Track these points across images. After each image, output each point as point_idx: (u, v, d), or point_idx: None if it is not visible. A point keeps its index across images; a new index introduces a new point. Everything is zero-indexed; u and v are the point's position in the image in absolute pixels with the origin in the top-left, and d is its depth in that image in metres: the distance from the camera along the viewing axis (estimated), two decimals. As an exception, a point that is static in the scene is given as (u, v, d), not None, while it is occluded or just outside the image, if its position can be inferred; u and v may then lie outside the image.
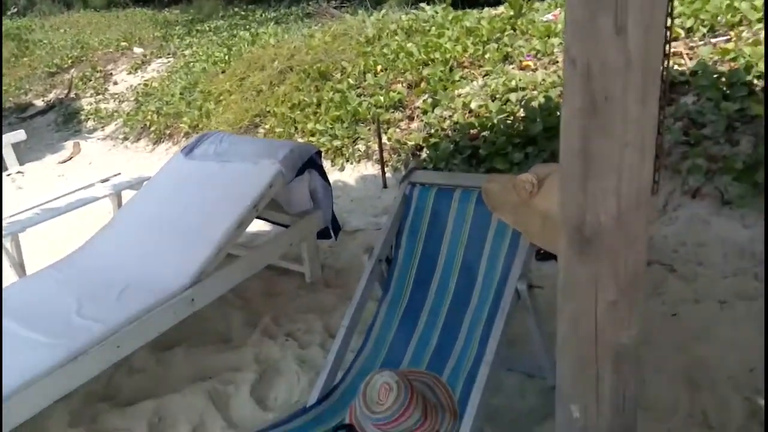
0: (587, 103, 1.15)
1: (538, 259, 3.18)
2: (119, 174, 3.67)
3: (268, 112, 5.57)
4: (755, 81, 3.58)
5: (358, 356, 2.21)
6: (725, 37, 4.14)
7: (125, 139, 6.68)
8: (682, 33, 4.30)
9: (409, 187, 2.35)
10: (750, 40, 3.91)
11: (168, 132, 6.28)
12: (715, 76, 3.69)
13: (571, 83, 1.18)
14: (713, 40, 4.16)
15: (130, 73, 9.29)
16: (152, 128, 6.45)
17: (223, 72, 7.05)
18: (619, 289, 1.27)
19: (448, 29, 5.64)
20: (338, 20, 8.13)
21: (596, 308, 1.30)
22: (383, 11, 7.11)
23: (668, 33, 1.15)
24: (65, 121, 7.92)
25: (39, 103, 9.21)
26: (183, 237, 2.85)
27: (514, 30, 5.30)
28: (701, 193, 3.27)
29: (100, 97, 8.41)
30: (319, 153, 3.19)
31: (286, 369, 2.63)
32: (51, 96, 9.24)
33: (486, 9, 6.18)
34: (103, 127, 7.33)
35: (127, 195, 3.53)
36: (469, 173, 3.66)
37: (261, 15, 12.28)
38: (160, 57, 9.70)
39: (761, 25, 4.05)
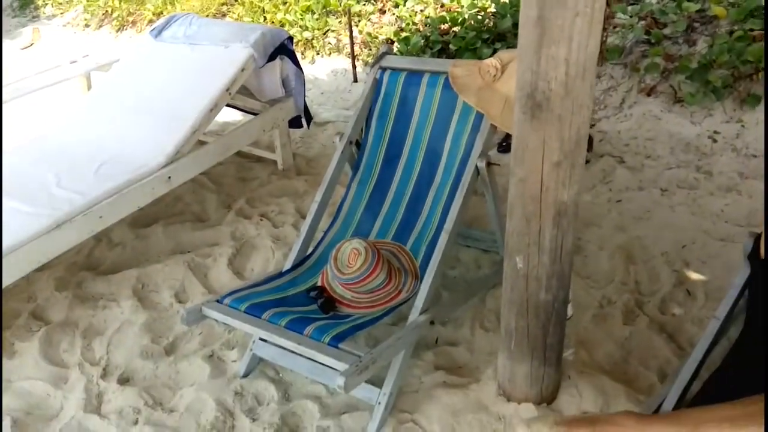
0: (544, -27, 1.26)
1: (500, 151, 3.36)
2: (87, 55, 3.62)
3: (236, 0, 5.43)
4: (718, -18, 3.67)
5: (329, 229, 2.37)
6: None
7: (86, 26, 6.45)
8: (656, -69, 4.29)
9: (379, 71, 2.44)
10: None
11: (131, 19, 6.08)
12: (680, -25, 3.75)
13: (531, -44, 1.27)
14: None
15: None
16: (114, 15, 6.22)
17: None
18: (563, 152, 1.43)
19: None
20: None
21: (543, 169, 1.46)
22: None
23: None
24: (21, 6, 7.54)
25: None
26: (157, 117, 2.90)
27: None
28: (656, 91, 3.44)
29: (57, -19, 7.98)
30: (291, 39, 3.20)
31: (260, 245, 2.80)
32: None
33: None
34: (62, 13, 7.01)
35: (95, 77, 3.52)
36: (437, 59, 3.73)
37: None
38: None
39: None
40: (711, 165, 2.99)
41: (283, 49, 3.16)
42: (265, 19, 5.07)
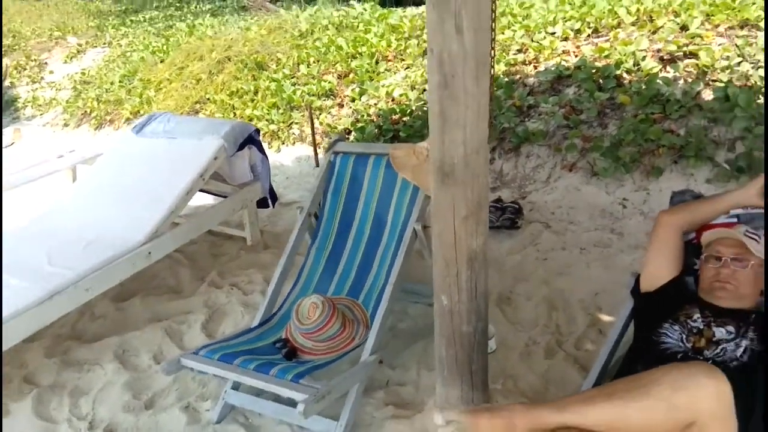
0: (441, 80, 1.73)
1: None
2: (73, 150, 4.03)
3: (208, 99, 5.98)
4: (624, 75, 4.33)
5: (292, 290, 2.73)
6: (605, 38, 4.89)
7: (65, 125, 6.90)
8: (571, 34, 5.02)
9: (333, 155, 2.89)
10: (623, 40, 4.66)
11: (109, 118, 6.56)
12: (592, 70, 4.41)
13: (431, 66, 1.75)
14: (596, 40, 4.91)
15: (65, 62, 9.39)
16: (93, 114, 6.70)
17: (161, 61, 7.36)
18: (469, 209, 1.86)
19: (374, 26, 6.21)
20: (273, 14, 8.56)
21: (454, 223, 1.88)
22: (316, 7, 7.61)
23: (493, 34, 1.74)
24: (2, 108, 8.00)
25: (-30, 90, 9.16)
26: (138, 201, 3.28)
27: (433, 28, 5.91)
28: (576, 167, 3.97)
29: (37, 85, 8.52)
30: (257, 131, 3.68)
31: (231, 311, 3.12)
32: (-18, 84, 9.22)
33: (409, 8, 6.78)
34: (41, 114, 7.49)
35: (80, 169, 3.91)
36: (380, 143, 4.23)
37: (196, 7, 12.44)
38: (96, 47, 9.84)
39: (634, 28, 4.82)
40: (622, 227, 3.47)
41: (251, 140, 3.62)
42: (235, 114, 5.60)
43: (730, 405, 1.38)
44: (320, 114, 5.20)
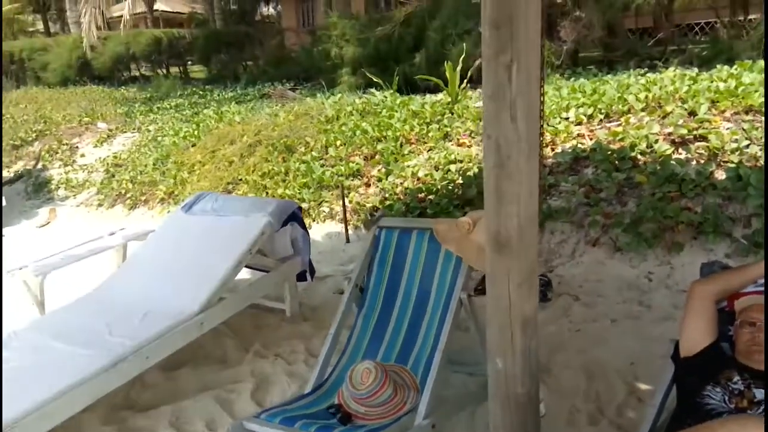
0: (497, 161, 1.96)
1: (476, 293, 3.97)
2: (124, 228, 4.26)
3: (240, 179, 6.30)
4: (638, 156, 4.61)
5: (341, 357, 2.87)
6: (617, 122, 5.22)
7: (99, 205, 7.20)
8: (585, 119, 5.37)
9: (377, 230, 3.11)
10: (635, 125, 4.98)
11: (143, 198, 6.87)
12: (608, 152, 4.70)
13: (488, 150, 1.99)
14: (608, 125, 5.24)
15: (96, 146, 9.86)
16: (128, 195, 7.02)
17: (193, 145, 7.76)
18: (522, 276, 2.04)
19: (396, 111, 6.62)
20: (297, 101, 9.08)
21: (509, 289, 2.06)
22: (339, 95, 8.09)
23: (542, 121, 1.98)
24: (35, 190, 8.36)
25: (6, 174, 9.58)
26: (190, 274, 3.47)
27: (452, 113, 6.32)
28: (599, 243, 4.17)
29: (69, 168, 8.91)
30: (300, 208, 3.92)
31: (277, 380, 3.24)
32: (17, 167, 9.65)
33: (428, 95, 7.23)
34: (75, 195, 7.81)
35: (131, 246, 4.13)
36: (422, 218, 4.45)
37: (219, 95, 13.13)
38: (125, 132, 10.35)
39: (644, 113, 5.16)
40: (650, 300, 3.63)
41: (294, 216, 3.86)
42: (267, 194, 5.89)
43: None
44: (349, 193, 5.48)
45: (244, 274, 4.29)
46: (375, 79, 8.64)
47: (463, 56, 7.29)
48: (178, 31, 18.12)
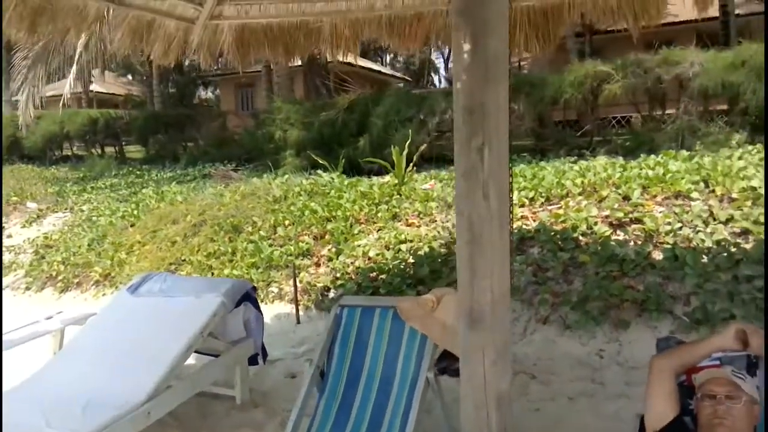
0: (470, 237, 2.02)
1: (440, 373, 3.93)
2: (61, 312, 4.01)
3: (184, 260, 6.11)
4: (580, 237, 4.83)
5: (303, 444, 2.74)
6: (557, 205, 5.49)
7: (27, 288, 6.77)
8: (527, 201, 5.61)
9: (339, 308, 3.07)
10: (574, 208, 5.25)
11: (76, 281, 6.52)
12: (551, 233, 4.90)
13: (460, 226, 2.04)
14: (549, 207, 5.49)
15: (24, 226, 9.40)
16: (59, 278, 6.64)
17: (132, 225, 7.53)
18: (497, 352, 2.05)
19: (345, 192, 6.71)
20: (242, 182, 9.06)
21: (484, 366, 2.06)
22: (286, 176, 8.15)
23: (511, 199, 2.07)
24: (-46, 273, 7.78)
25: None
26: (136, 361, 3.26)
27: (400, 195, 6.47)
28: (549, 320, 4.26)
29: (-7, 248, 8.40)
30: (254, 288, 3.83)
31: (229, 473, 3.03)
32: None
33: (375, 178, 7.40)
34: (-1, 277, 7.33)
35: (69, 331, 3.87)
36: (385, 296, 4.41)
37: (157, 174, 12.93)
38: (57, 212, 9.95)
39: (582, 197, 5.46)
40: (602, 377, 3.69)
41: (247, 297, 3.76)
42: (212, 274, 5.73)
43: None
44: (299, 273, 5.41)
45: (190, 359, 4.09)
46: (321, 161, 8.80)
47: (408, 141, 7.58)
48: (116, 111, 17.96)
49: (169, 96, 23.43)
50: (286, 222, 6.29)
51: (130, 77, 29.73)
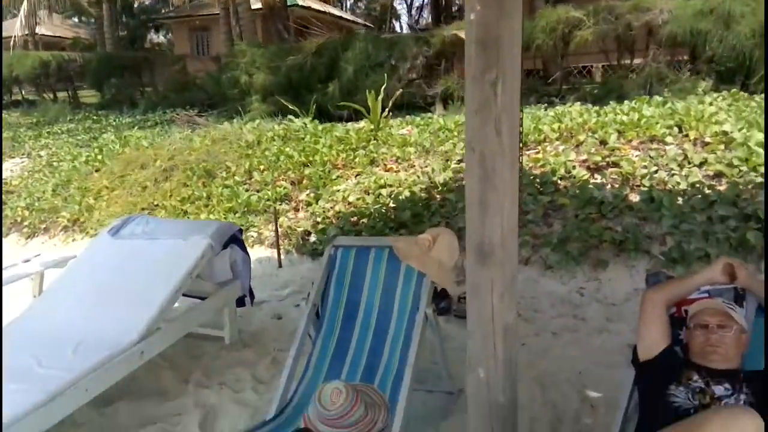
0: (481, 173, 2.02)
1: (438, 313, 3.98)
2: (39, 255, 3.89)
3: (156, 205, 5.97)
4: (559, 181, 4.90)
5: (302, 380, 2.77)
6: (535, 150, 5.54)
7: (-11, 234, 6.53)
8: (506, 146, 5.63)
9: (333, 249, 3.06)
10: (552, 152, 5.31)
11: (43, 227, 6.32)
12: (531, 177, 4.96)
13: (471, 162, 2.04)
14: (527, 152, 5.54)
15: (-21, 172, 8.98)
16: (24, 223, 6.42)
17: (96, 171, 7.28)
18: (504, 286, 2.09)
19: (321, 137, 6.61)
20: (208, 127, 8.81)
21: (492, 299, 2.10)
22: (257, 121, 7.96)
23: (521, 135, 2.07)
24: None
25: None
26: (124, 302, 3.22)
27: (377, 140, 6.41)
28: (530, 261, 4.36)
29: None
30: (240, 230, 3.78)
31: (225, 410, 3.06)
32: None
33: (350, 123, 7.30)
34: (-43, 223, 7.04)
35: (48, 275, 3.77)
36: (379, 237, 4.42)
37: (115, 120, 12.48)
38: (13, 157, 9.54)
39: (559, 142, 5.52)
40: (584, 313, 3.83)
41: (233, 239, 3.71)
42: (189, 219, 5.62)
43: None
44: (278, 218, 5.36)
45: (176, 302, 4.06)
46: (291, 107, 8.60)
47: (384, 86, 7.47)
48: (69, 54, 17.07)
49: (119, 39, 22.30)
50: (261, 167, 6.18)
51: (77, 20, 28.19)
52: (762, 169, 4.29)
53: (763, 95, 6.55)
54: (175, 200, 5.91)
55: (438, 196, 5.05)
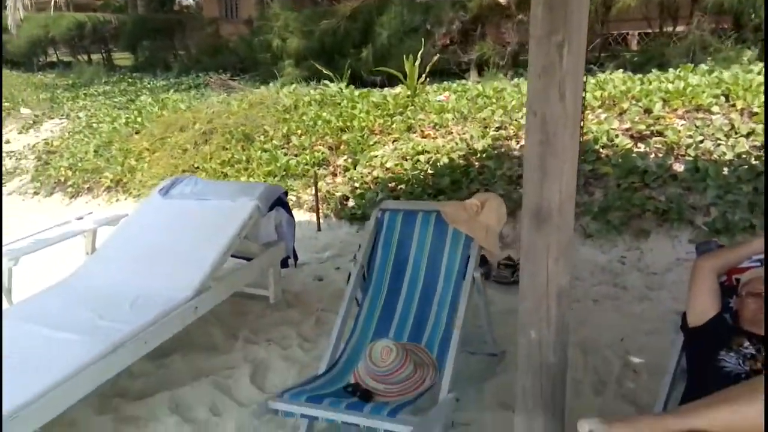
0: (542, 137, 2.03)
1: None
2: (91, 213, 4.01)
3: (197, 167, 6.08)
4: (601, 150, 4.86)
5: (350, 338, 2.85)
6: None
7: (36, 193, 6.73)
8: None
9: (380, 212, 3.11)
10: (594, 120, 5.24)
11: (87, 186, 6.48)
12: (573, 145, 4.91)
13: (532, 126, 2.05)
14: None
15: (21, 132, 9.21)
16: (68, 183, 6.60)
17: (137, 132, 7.41)
18: (560, 250, 2.12)
19: (358, 103, 6.61)
20: (244, 91, 8.86)
21: (548, 263, 2.13)
22: (294, 85, 7.97)
23: (584, 99, 2.07)
24: (-45, 175, 7.69)
25: None
26: (178, 258, 3.33)
27: (414, 106, 6.39)
28: (572, 229, 4.36)
29: (-7, 154, 8.26)
30: (286, 193, 3.85)
31: (274, 365, 3.17)
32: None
33: (386, 89, 7.27)
34: (4, 183, 7.25)
35: (101, 232, 3.90)
36: (426, 201, 4.47)
37: (150, 83, 12.59)
38: (53, 118, 9.74)
39: (601, 110, 5.44)
40: (624, 282, 3.84)
41: (279, 201, 3.78)
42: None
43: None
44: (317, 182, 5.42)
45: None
46: (325, 71, 8.59)
47: (421, 51, 7.40)
48: (103, 15, 17.17)
49: (149, 1, 22.27)
50: (299, 131, 6.22)
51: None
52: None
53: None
54: (215, 163, 6.01)
55: (477, 163, 5.05)
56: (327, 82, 8.00)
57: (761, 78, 5.48)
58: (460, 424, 2.64)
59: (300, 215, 5.27)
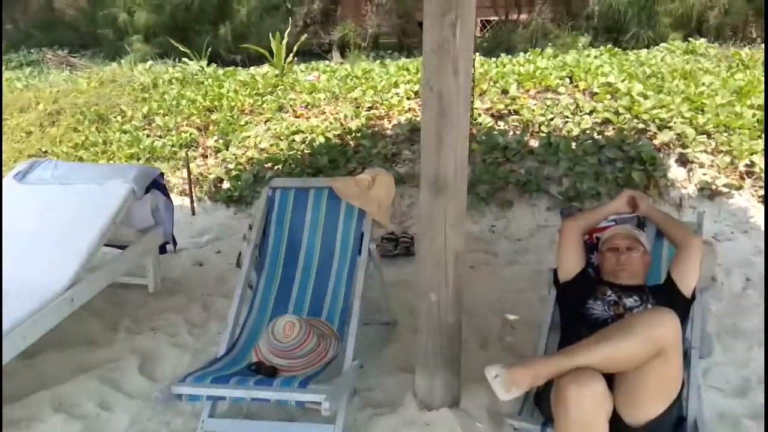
0: (438, 111, 2.16)
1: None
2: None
3: (45, 152, 5.53)
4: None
5: (248, 317, 2.83)
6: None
7: None
8: (412, 94, 5.81)
9: (270, 190, 3.09)
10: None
11: None
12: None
13: (428, 100, 2.17)
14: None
15: None
16: None
17: (-36, 114, 6.54)
18: (455, 216, 2.28)
19: (225, 82, 6.39)
20: (90, 69, 8.15)
21: (445, 229, 2.28)
22: (150, 62, 7.49)
23: (473, 75, 2.23)
24: None
25: None
26: (47, 249, 3.05)
27: (284, 86, 6.32)
28: (445, 202, 4.62)
29: None
30: (161, 174, 3.66)
31: (163, 353, 3.05)
32: None
33: (253, 68, 7.10)
34: None
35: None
36: (317, 178, 4.44)
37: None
38: None
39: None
40: (495, 249, 4.17)
41: (155, 183, 3.60)
42: (86, 166, 5.27)
43: (680, 337, 1.96)
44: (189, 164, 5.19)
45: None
46: (181, 48, 8.16)
47: (288, 30, 7.30)
48: None
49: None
50: (161, 111, 5.89)
51: None
52: (644, 117, 4.82)
53: (636, 50, 7.22)
54: (67, 146, 5.50)
55: (352, 142, 5.14)
56: (186, 60, 7.62)
57: (598, 62, 6.15)
58: (363, 390, 2.73)
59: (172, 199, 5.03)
